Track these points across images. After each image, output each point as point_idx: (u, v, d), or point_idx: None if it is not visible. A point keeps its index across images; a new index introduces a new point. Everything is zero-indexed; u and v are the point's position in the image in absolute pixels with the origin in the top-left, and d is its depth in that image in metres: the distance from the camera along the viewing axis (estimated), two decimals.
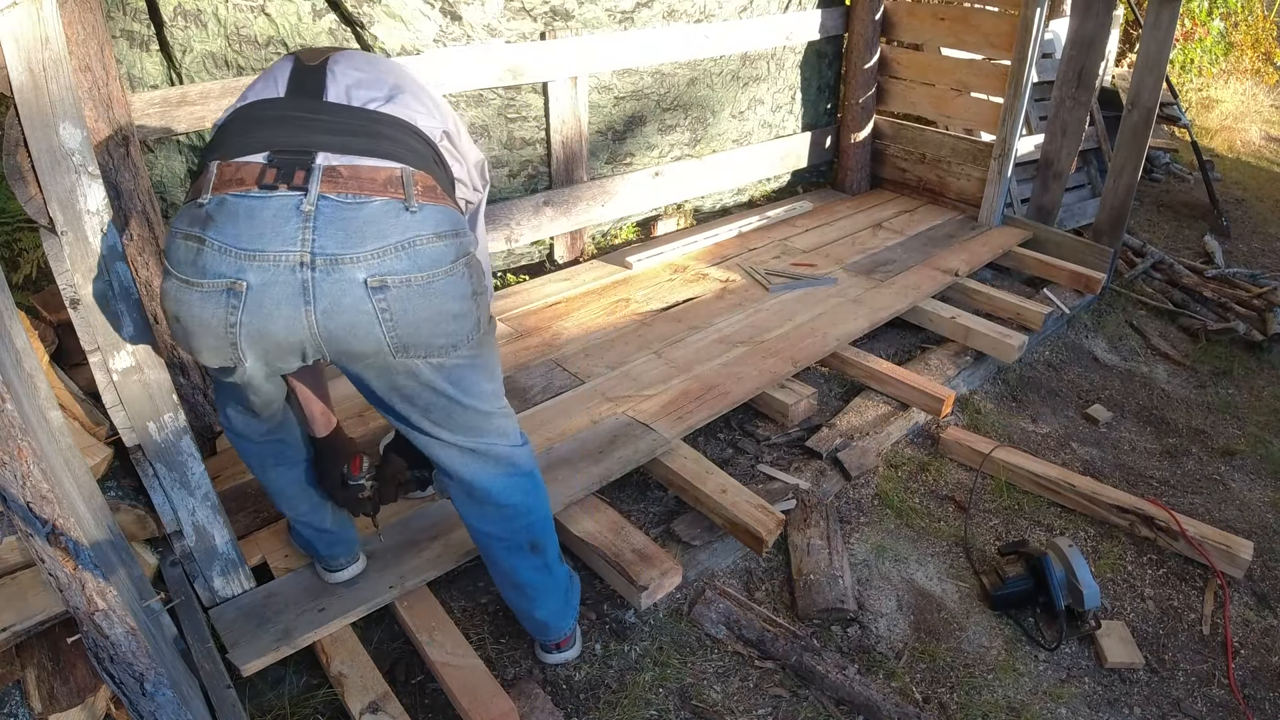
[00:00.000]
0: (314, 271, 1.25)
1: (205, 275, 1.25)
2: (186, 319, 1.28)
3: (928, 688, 2.00)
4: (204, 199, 1.25)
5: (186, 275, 1.26)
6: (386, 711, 1.68)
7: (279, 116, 1.36)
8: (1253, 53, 7.02)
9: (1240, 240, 4.74)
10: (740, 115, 3.87)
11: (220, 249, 1.24)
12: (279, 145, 1.29)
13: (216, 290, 1.25)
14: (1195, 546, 2.34)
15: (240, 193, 1.25)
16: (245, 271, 1.24)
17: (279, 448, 1.68)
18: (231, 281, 1.24)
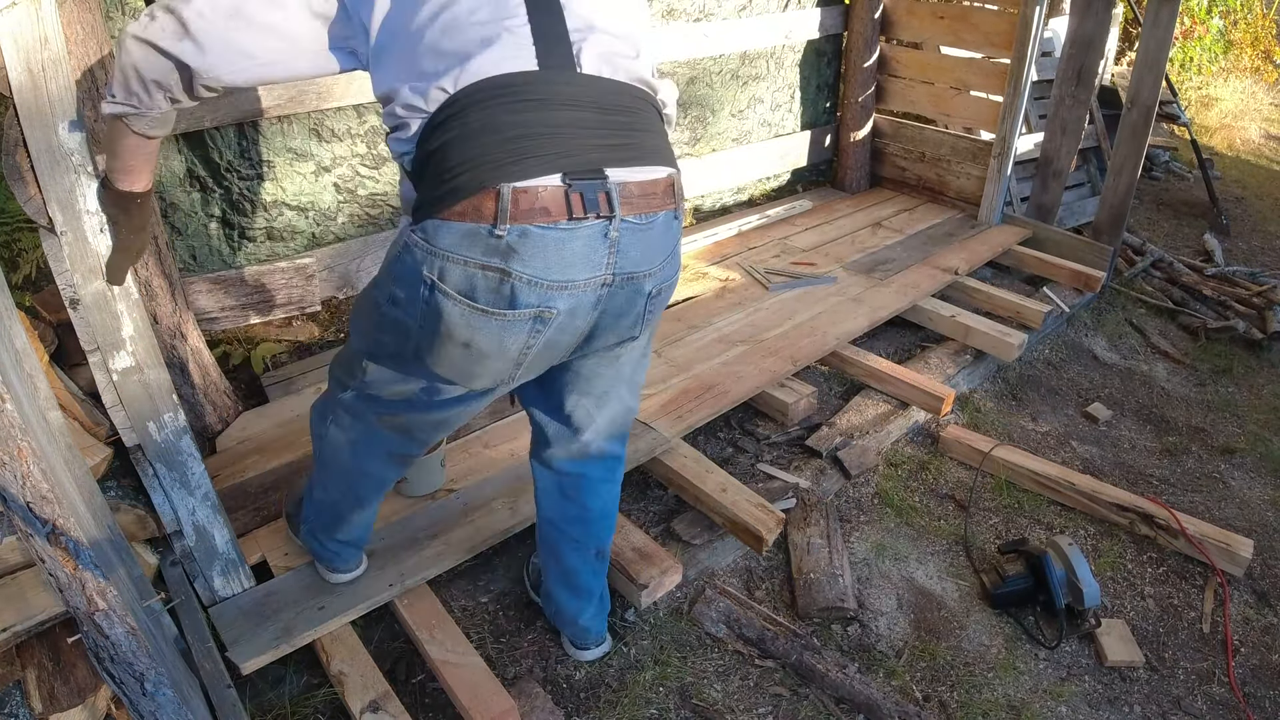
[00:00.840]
0: (610, 289, 1.27)
1: (513, 306, 1.20)
2: (481, 344, 1.25)
3: (928, 686, 2.00)
4: (502, 230, 1.15)
5: (485, 305, 1.20)
6: (387, 710, 1.68)
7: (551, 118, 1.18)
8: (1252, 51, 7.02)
9: (1240, 238, 4.74)
10: (740, 114, 3.86)
11: (529, 282, 1.19)
12: (571, 167, 1.18)
13: (522, 319, 1.23)
14: (1195, 545, 2.34)
15: (547, 225, 1.17)
16: (554, 301, 1.22)
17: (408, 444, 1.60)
18: (539, 310, 1.22)
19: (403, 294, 1.25)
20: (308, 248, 2.75)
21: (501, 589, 2.12)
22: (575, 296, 1.24)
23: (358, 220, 2.83)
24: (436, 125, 1.16)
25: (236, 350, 2.70)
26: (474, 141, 1.15)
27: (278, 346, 2.77)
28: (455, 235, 1.17)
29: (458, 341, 1.24)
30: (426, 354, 1.29)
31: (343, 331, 2.96)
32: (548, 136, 1.17)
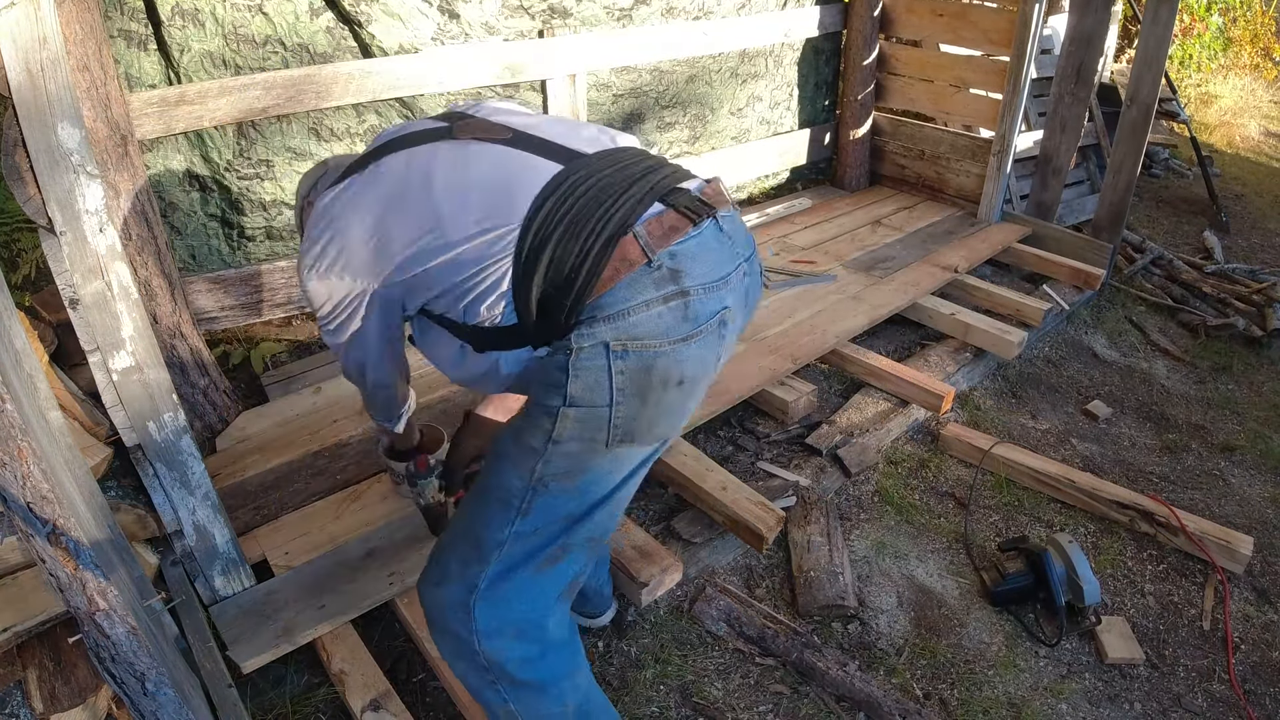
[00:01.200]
0: (747, 277, 1.38)
1: (700, 321, 1.27)
2: (692, 374, 1.29)
3: (928, 684, 2.00)
4: (657, 259, 1.24)
5: (682, 334, 1.25)
6: (388, 709, 1.68)
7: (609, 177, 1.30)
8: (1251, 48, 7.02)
9: (1239, 236, 4.73)
10: (739, 112, 3.86)
11: (705, 289, 1.27)
12: (658, 192, 1.29)
13: (711, 330, 1.29)
14: (1195, 542, 2.34)
15: (682, 238, 1.27)
16: (725, 299, 1.31)
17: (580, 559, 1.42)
18: (720, 314, 1.30)
19: (582, 387, 1.24)
20: None
21: None
22: (734, 290, 1.33)
23: None
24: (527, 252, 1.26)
25: (236, 350, 2.70)
26: (576, 228, 1.25)
27: (278, 346, 2.77)
28: (623, 291, 1.23)
29: (671, 385, 1.27)
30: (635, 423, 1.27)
31: None
32: (621, 191, 1.28)
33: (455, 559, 1.37)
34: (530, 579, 1.35)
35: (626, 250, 1.23)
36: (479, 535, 1.34)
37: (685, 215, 1.28)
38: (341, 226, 1.38)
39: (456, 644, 1.38)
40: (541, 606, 1.37)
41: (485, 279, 1.28)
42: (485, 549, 1.33)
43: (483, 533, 1.34)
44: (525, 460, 1.29)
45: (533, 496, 1.30)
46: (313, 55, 2.50)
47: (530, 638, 1.37)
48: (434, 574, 1.40)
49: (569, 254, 1.23)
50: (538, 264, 1.25)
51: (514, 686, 1.38)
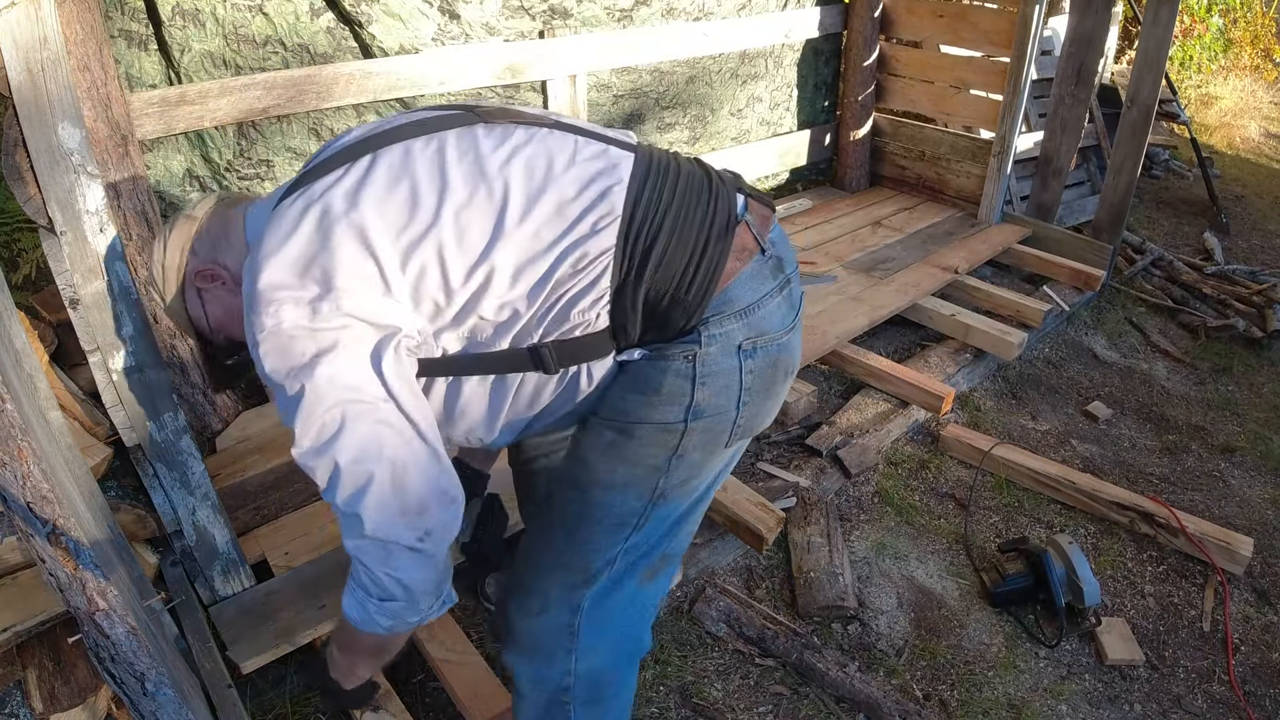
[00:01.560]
0: None
1: (798, 308, 1.26)
2: (797, 362, 1.27)
3: (928, 685, 2.00)
4: (766, 247, 1.19)
5: (790, 323, 1.22)
6: (387, 709, 1.68)
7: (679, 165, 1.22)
8: (1252, 49, 7.02)
9: (1240, 237, 4.73)
10: (739, 113, 3.86)
11: (795, 275, 1.26)
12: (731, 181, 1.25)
13: (802, 316, 1.28)
14: (1195, 543, 2.34)
15: (772, 225, 1.25)
16: (794, 281, 1.27)
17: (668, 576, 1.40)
18: (802, 295, 1.29)
19: (710, 394, 1.15)
20: None
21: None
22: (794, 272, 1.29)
23: None
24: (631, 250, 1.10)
25: None
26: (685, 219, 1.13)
27: None
28: (748, 282, 1.16)
29: (789, 377, 1.25)
30: (756, 418, 1.23)
31: None
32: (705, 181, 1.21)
33: (558, 585, 1.26)
34: (635, 591, 1.29)
35: (743, 239, 1.17)
36: (585, 561, 1.25)
37: (764, 203, 1.25)
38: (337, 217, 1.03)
39: (550, 667, 1.30)
40: (644, 616, 1.34)
41: (580, 280, 1.08)
42: (594, 571, 1.25)
43: (590, 558, 1.24)
44: (646, 480, 1.20)
45: (652, 510, 1.23)
46: (313, 55, 2.50)
47: (627, 651, 1.34)
48: (531, 604, 1.28)
49: (684, 245, 1.11)
50: (648, 259, 1.09)
51: (587, 705, 1.34)
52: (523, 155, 1.11)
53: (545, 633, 1.29)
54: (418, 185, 1.07)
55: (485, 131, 1.13)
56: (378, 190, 1.06)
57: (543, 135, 1.14)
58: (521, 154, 1.11)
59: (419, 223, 1.05)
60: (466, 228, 1.06)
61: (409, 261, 1.05)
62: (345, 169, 1.09)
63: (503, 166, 1.09)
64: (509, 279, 1.07)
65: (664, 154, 1.23)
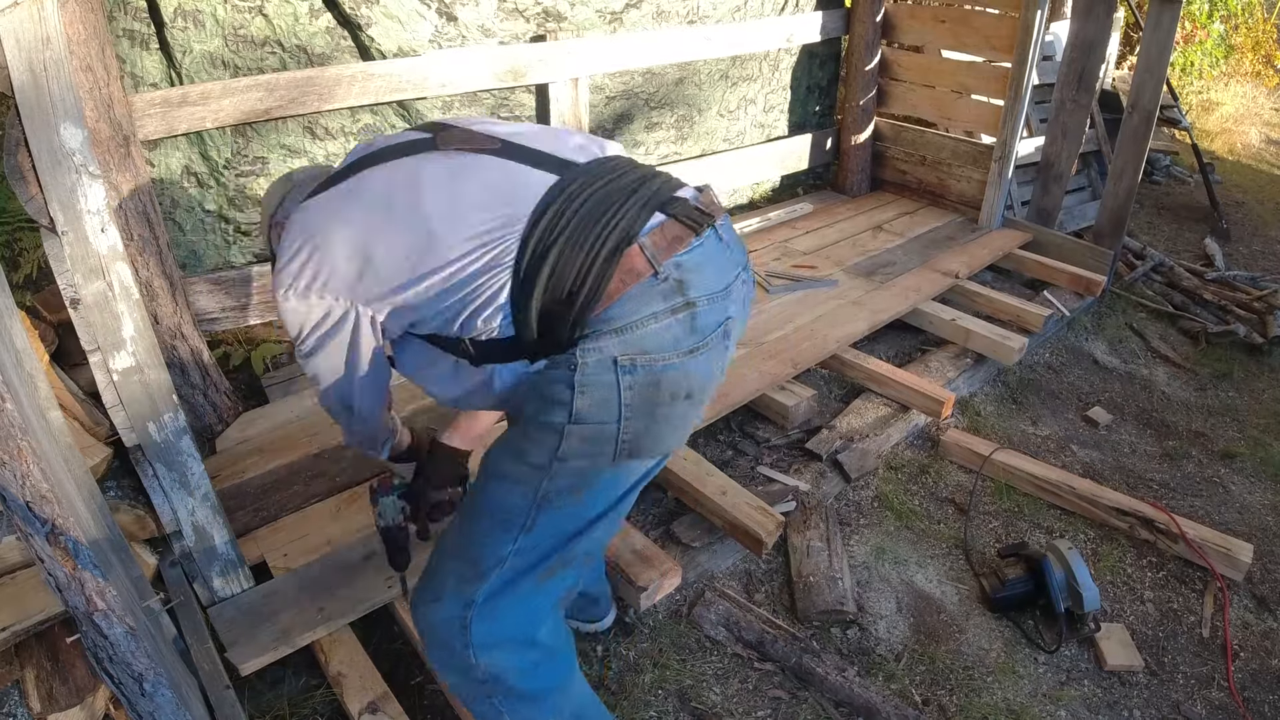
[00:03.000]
0: (745, 284, 1.36)
1: (706, 333, 1.26)
2: (700, 386, 1.28)
3: (927, 690, 1.99)
4: (663, 270, 1.22)
5: (688, 347, 1.24)
6: (386, 712, 1.68)
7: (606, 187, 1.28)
8: (1253, 55, 7.03)
9: (1240, 243, 4.74)
10: (730, 114, 3.86)
11: (710, 300, 1.26)
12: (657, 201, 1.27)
13: (716, 340, 1.28)
14: (1195, 549, 2.34)
15: (686, 248, 1.25)
16: (728, 308, 1.30)
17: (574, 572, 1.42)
18: (724, 322, 1.29)
19: (589, 403, 1.21)
20: None
21: None
22: (735, 299, 1.32)
23: None
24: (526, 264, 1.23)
25: (237, 350, 2.70)
26: (578, 239, 1.22)
27: (278, 347, 2.77)
28: (629, 303, 1.21)
29: (680, 399, 1.26)
30: (643, 438, 1.26)
31: None
32: (620, 201, 1.26)
33: (452, 577, 1.34)
34: (529, 592, 1.34)
35: (632, 262, 1.21)
36: (477, 554, 1.32)
37: (687, 225, 1.26)
38: (322, 241, 1.30)
39: (451, 658, 1.36)
40: (536, 618, 1.37)
41: (482, 293, 1.24)
42: (484, 567, 1.31)
43: (481, 552, 1.32)
44: (529, 478, 1.27)
45: (537, 514, 1.28)
46: (311, 57, 2.50)
47: (525, 648, 1.37)
48: (428, 592, 1.37)
49: (571, 266, 1.20)
50: (538, 277, 1.21)
51: (510, 698, 1.38)
52: (449, 189, 1.28)
53: (439, 623, 1.36)
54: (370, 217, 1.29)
55: (432, 161, 1.31)
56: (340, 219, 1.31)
57: (477, 164, 1.30)
58: (450, 186, 1.28)
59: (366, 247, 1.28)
60: (394, 253, 1.27)
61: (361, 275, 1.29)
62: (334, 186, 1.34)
63: (432, 200, 1.27)
64: (423, 292, 1.27)
65: (597, 172, 1.29)
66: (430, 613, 1.36)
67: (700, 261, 1.26)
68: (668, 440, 1.30)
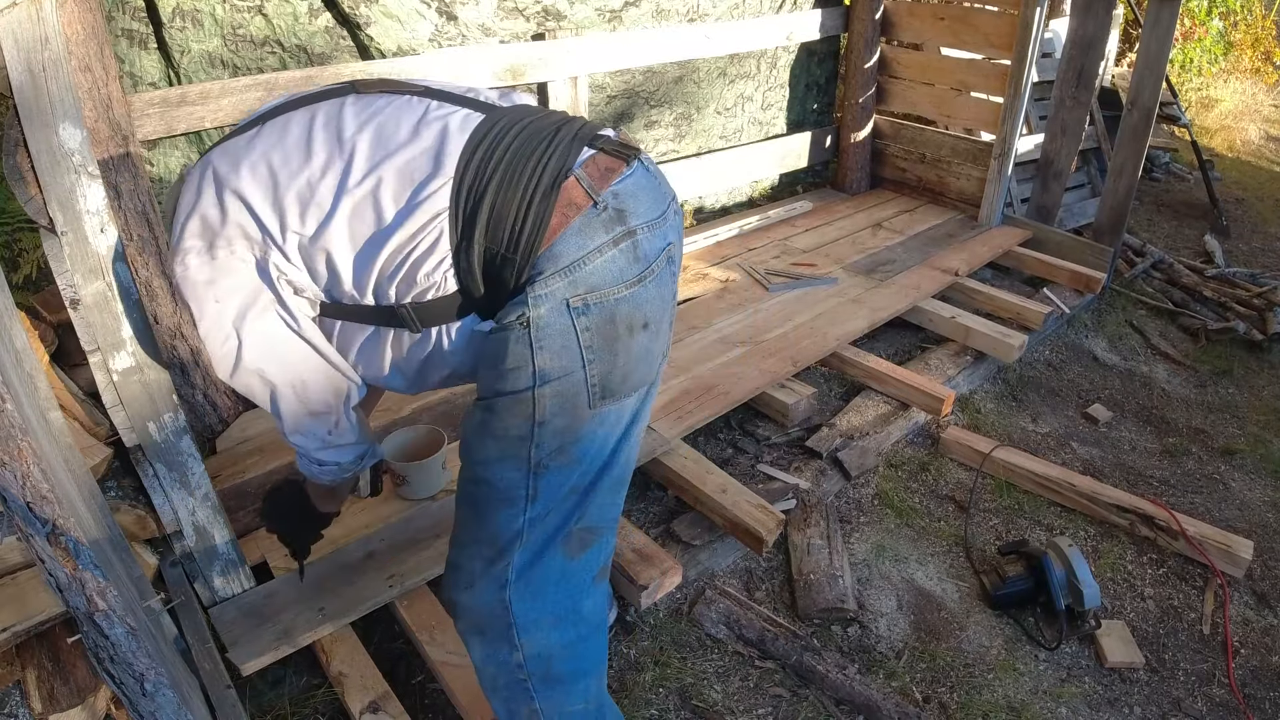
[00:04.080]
0: (676, 215, 1.33)
1: (649, 260, 1.24)
2: (654, 315, 1.26)
3: (928, 687, 1.99)
4: (601, 200, 1.20)
5: (633, 275, 1.22)
6: (387, 711, 1.68)
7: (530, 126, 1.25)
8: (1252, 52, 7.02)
9: (1240, 240, 4.73)
10: (727, 111, 3.86)
11: (649, 227, 1.24)
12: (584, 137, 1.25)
13: (661, 267, 1.26)
14: (1195, 546, 2.34)
15: (619, 177, 1.23)
16: (668, 235, 1.28)
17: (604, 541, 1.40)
18: (666, 249, 1.27)
19: (550, 356, 1.19)
20: None
21: None
22: (672, 227, 1.30)
23: None
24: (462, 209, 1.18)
25: None
26: (512, 176, 1.18)
27: None
28: (572, 238, 1.18)
29: (637, 330, 1.24)
30: (611, 377, 1.23)
31: None
32: (549, 136, 1.23)
33: (477, 561, 1.32)
34: (561, 564, 1.32)
35: (570, 194, 1.18)
36: (493, 535, 1.30)
37: (616, 156, 1.24)
38: (228, 186, 1.20)
39: (491, 642, 1.35)
40: (577, 590, 1.36)
41: (420, 243, 1.19)
42: (504, 544, 1.30)
43: (496, 530, 1.30)
44: (516, 451, 1.25)
45: (535, 481, 1.26)
46: (311, 56, 2.50)
47: (568, 622, 1.36)
48: (459, 579, 1.35)
49: (510, 204, 1.17)
50: (476, 218, 1.17)
51: (545, 683, 1.37)
52: (375, 122, 1.21)
53: (478, 607, 1.34)
54: (288, 152, 1.22)
55: (354, 101, 1.25)
56: (253, 156, 1.23)
57: (401, 103, 1.24)
58: (374, 121, 1.22)
59: (283, 185, 1.20)
60: (317, 190, 1.19)
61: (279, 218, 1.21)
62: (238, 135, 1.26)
63: (355, 134, 1.20)
64: (347, 241, 1.20)
65: (517, 113, 1.26)
66: (468, 599, 1.34)
67: (634, 190, 1.24)
68: (636, 374, 1.27)
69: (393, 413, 2.45)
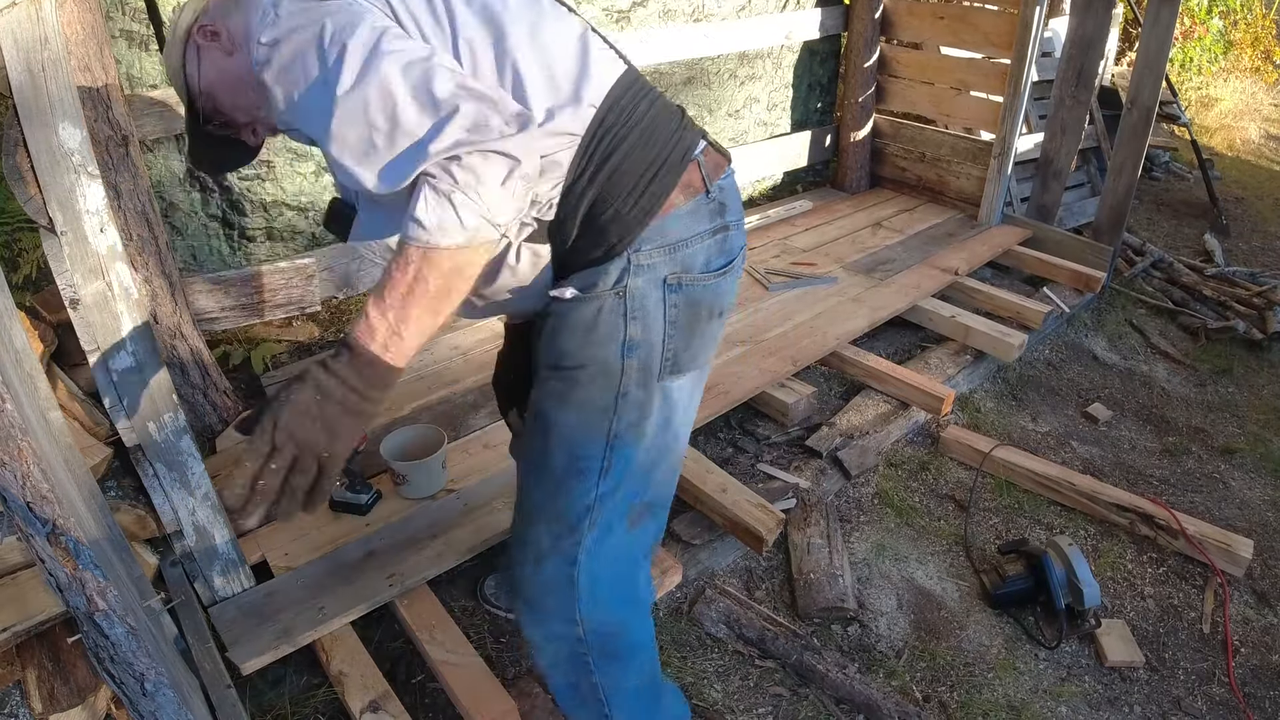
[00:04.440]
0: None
1: (732, 255, 1.29)
2: (727, 305, 1.31)
3: (928, 686, 2.00)
4: (714, 189, 1.24)
5: (719, 266, 1.26)
6: (387, 710, 1.68)
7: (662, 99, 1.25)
8: (1252, 51, 7.02)
9: (1240, 239, 4.73)
10: (736, 114, 3.86)
11: (736, 225, 1.30)
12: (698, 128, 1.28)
13: (739, 264, 1.32)
14: (1195, 545, 2.34)
15: (724, 173, 1.28)
16: (744, 236, 1.33)
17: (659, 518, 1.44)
18: (743, 247, 1.33)
19: (640, 328, 1.20)
20: (308, 248, 2.75)
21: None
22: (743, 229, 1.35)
23: None
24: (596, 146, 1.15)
25: (236, 350, 2.70)
26: (651, 129, 1.19)
27: (278, 346, 2.77)
28: (684, 218, 1.20)
29: (715, 318, 1.29)
30: (682, 355, 1.26)
31: (342, 331, 2.96)
32: (679, 115, 1.26)
33: (546, 536, 1.31)
34: (623, 539, 1.34)
35: (691, 176, 1.21)
36: (563, 508, 1.29)
37: (721, 154, 1.29)
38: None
39: (552, 619, 1.35)
40: (635, 568, 1.39)
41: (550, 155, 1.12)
42: (573, 519, 1.29)
43: (567, 504, 1.29)
44: (597, 423, 1.24)
45: (611, 455, 1.26)
46: None
47: (626, 598, 1.38)
48: (526, 555, 1.34)
49: (639, 164, 1.16)
50: (606, 163, 1.15)
51: (604, 657, 1.38)
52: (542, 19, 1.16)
53: (546, 583, 1.33)
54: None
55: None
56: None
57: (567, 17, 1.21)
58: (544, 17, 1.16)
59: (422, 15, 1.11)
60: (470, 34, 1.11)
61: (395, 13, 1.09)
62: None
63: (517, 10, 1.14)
64: None
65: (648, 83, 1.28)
66: (535, 574, 1.34)
67: (730, 189, 1.30)
68: (702, 354, 1.32)
69: (392, 412, 2.45)
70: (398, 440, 2.17)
